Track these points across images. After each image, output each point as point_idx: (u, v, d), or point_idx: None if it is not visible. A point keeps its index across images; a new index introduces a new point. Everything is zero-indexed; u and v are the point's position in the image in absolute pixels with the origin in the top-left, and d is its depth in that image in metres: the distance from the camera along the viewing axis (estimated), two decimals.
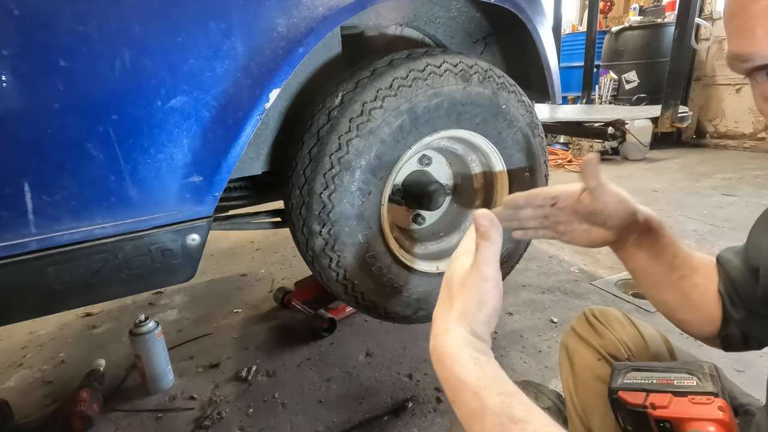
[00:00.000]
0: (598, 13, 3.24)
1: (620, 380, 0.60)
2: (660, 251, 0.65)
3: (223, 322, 1.75)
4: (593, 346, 0.76)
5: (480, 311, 0.52)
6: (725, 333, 0.62)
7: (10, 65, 0.71)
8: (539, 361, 1.41)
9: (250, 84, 0.89)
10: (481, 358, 0.48)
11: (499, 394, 0.43)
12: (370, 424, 1.20)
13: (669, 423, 0.54)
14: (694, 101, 4.95)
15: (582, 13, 6.56)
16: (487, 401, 0.43)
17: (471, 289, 0.52)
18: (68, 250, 0.82)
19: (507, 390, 0.44)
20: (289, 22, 0.91)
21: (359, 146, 1.06)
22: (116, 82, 0.79)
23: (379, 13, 1.24)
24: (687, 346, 0.76)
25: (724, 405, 0.52)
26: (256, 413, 1.25)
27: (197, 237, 0.93)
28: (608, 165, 4.26)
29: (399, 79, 1.08)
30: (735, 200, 2.89)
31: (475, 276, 0.53)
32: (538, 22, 1.35)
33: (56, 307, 0.88)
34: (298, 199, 1.11)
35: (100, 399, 1.29)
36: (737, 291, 0.59)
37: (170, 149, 0.85)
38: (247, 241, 2.65)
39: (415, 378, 1.37)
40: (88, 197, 0.81)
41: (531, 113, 1.34)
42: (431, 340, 0.51)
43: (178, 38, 0.82)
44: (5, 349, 1.67)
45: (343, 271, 1.15)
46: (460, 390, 0.45)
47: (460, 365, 0.47)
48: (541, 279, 1.97)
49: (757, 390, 0.66)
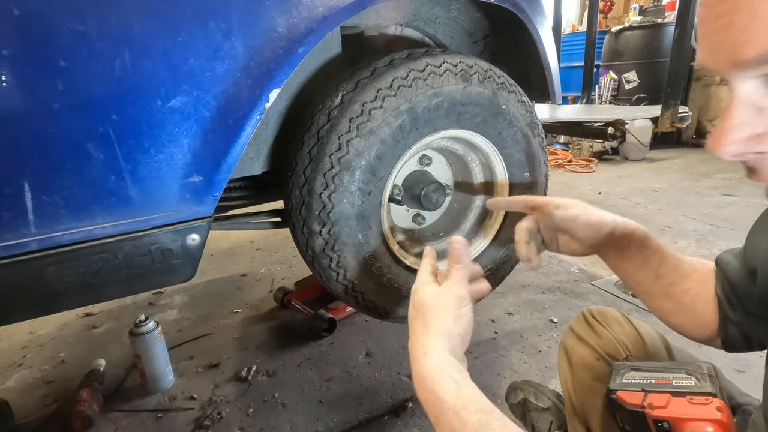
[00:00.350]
0: (598, 13, 3.24)
1: (619, 380, 0.60)
2: (644, 260, 0.66)
3: (223, 322, 1.76)
4: (592, 346, 0.76)
5: (456, 326, 0.56)
6: (725, 335, 0.62)
7: (10, 65, 0.71)
8: (539, 361, 1.41)
9: (250, 84, 0.89)
10: (459, 378, 0.51)
11: (477, 412, 0.46)
12: (370, 424, 1.20)
13: (667, 423, 0.54)
14: (694, 101, 4.95)
15: (582, 13, 6.56)
16: (467, 419, 0.46)
17: (447, 308, 0.57)
18: (68, 250, 0.82)
19: (484, 408, 0.47)
20: (289, 22, 0.91)
21: (359, 146, 1.06)
22: (116, 82, 0.79)
23: (379, 13, 1.24)
24: (685, 345, 0.76)
25: (722, 405, 0.52)
26: (256, 413, 1.26)
27: (197, 237, 0.93)
28: (608, 165, 4.26)
29: (399, 79, 1.08)
30: (735, 200, 2.89)
31: (450, 296, 0.58)
32: (538, 22, 1.35)
33: (56, 307, 0.88)
34: (298, 199, 1.11)
35: (100, 399, 1.30)
36: (736, 293, 0.59)
37: (170, 149, 0.85)
38: (247, 241, 2.65)
39: None
40: (88, 197, 0.81)
41: (531, 113, 1.34)
42: (412, 366, 0.55)
43: (178, 38, 0.82)
44: (5, 349, 1.68)
45: (343, 271, 1.15)
46: (441, 410, 0.49)
47: (440, 386, 0.50)
48: (541, 279, 1.97)
49: (756, 390, 0.66)
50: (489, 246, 1.42)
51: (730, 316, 0.60)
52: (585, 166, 4.15)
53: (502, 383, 1.29)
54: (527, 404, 1.02)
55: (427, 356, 0.53)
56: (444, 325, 0.56)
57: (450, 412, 0.47)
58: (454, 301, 0.58)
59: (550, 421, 0.96)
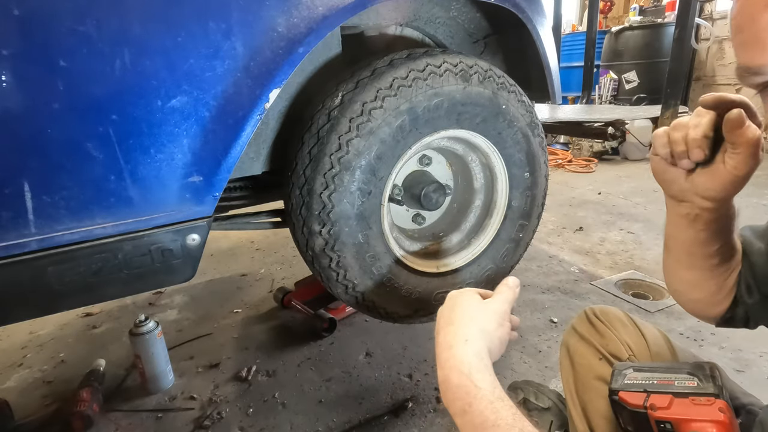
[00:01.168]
0: (598, 13, 3.23)
1: (621, 381, 0.60)
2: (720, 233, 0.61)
3: (223, 322, 1.75)
4: (594, 346, 0.76)
5: (497, 331, 0.57)
6: (730, 315, 0.61)
7: (10, 65, 0.70)
8: (539, 361, 1.41)
9: (250, 84, 0.89)
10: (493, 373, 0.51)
11: (511, 408, 0.47)
12: (370, 424, 1.20)
13: (670, 424, 0.53)
14: (694, 101, 4.94)
15: (582, 13, 6.56)
16: (501, 411, 0.46)
17: (493, 314, 0.58)
18: (68, 250, 0.81)
19: (517, 411, 0.47)
20: (289, 22, 0.91)
21: (359, 146, 1.06)
22: (116, 82, 0.78)
23: (379, 13, 1.24)
24: (687, 345, 0.76)
25: (724, 406, 0.52)
26: (256, 413, 1.25)
27: (197, 237, 0.93)
28: (608, 165, 4.26)
29: (399, 79, 1.08)
30: (735, 200, 2.89)
31: (497, 306, 0.60)
32: (538, 22, 1.35)
33: (56, 307, 0.88)
34: (298, 199, 1.10)
35: (100, 399, 1.29)
36: (755, 275, 0.58)
37: (170, 149, 0.85)
38: (247, 241, 2.65)
39: (415, 378, 1.36)
40: (88, 197, 0.81)
41: (531, 113, 1.34)
42: (446, 351, 0.54)
43: (179, 38, 0.82)
44: (5, 349, 1.67)
45: (343, 271, 1.15)
46: (475, 397, 0.48)
47: (478, 372, 0.50)
48: (541, 279, 1.97)
49: (757, 389, 0.66)
50: (489, 246, 1.42)
51: (745, 298, 0.59)
52: (585, 166, 4.15)
53: (502, 383, 1.27)
54: (527, 404, 1.02)
55: (469, 343, 0.54)
56: (488, 326, 0.57)
57: (485, 401, 0.47)
58: (500, 311, 0.59)
59: (551, 421, 0.96)
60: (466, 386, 0.49)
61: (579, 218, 2.76)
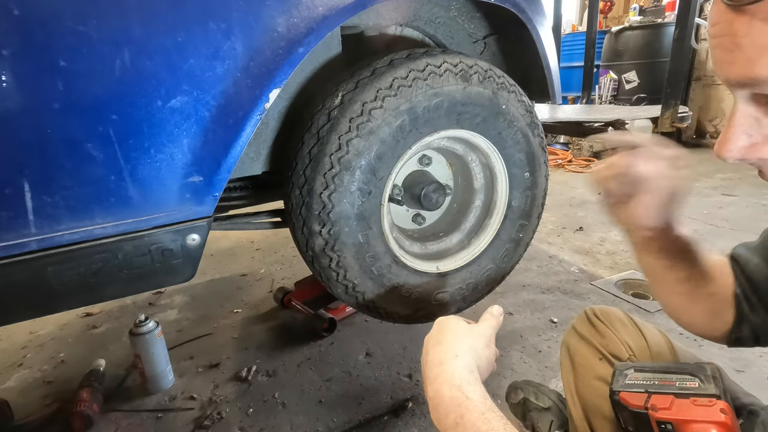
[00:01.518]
0: (598, 13, 3.23)
1: (622, 381, 0.60)
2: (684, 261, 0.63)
3: (223, 322, 1.75)
4: (594, 346, 0.76)
5: (485, 351, 0.59)
6: (737, 335, 0.61)
7: (10, 65, 0.70)
8: (539, 361, 1.41)
9: (250, 84, 0.89)
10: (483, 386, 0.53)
11: (502, 419, 0.48)
12: (370, 424, 1.20)
13: (670, 425, 0.53)
14: (694, 101, 4.95)
15: (582, 13, 6.56)
16: (494, 422, 0.47)
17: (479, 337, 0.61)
18: (68, 250, 0.81)
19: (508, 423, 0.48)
20: (289, 22, 0.91)
21: (359, 146, 1.06)
22: (116, 82, 0.78)
23: (379, 13, 1.24)
24: (688, 345, 0.76)
25: (726, 407, 0.52)
26: (256, 413, 1.25)
27: (197, 237, 0.93)
28: None
29: (399, 79, 1.08)
30: (735, 200, 2.89)
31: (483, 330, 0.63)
32: (538, 22, 1.35)
33: (56, 307, 0.88)
34: (298, 199, 1.10)
35: (100, 399, 1.29)
36: (757, 290, 0.58)
37: (170, 149, 0.85)
38: (247, 241, 2.65)
39: (415, 378, 1.36)
40: (88, 197, 0.81)
41: (531, 113, 1.34)
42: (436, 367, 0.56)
43: (179, 38, 0.82)
44: (5, 349, 1.67)
45: (343, 271, 1.15)
46: (467, 409, 0.49)
47: (469, 384, 0.52)
48: (541, 279, 1.97)
49: (757, 389, 0.66)
50: (489, 246, 1.41)
51: (749, 317, 0.59)
52: (585, 166, 4.15)
53: (502, 383, 1.29)
54: (528, 404, 1.02)
55: (459, 358, 0.56)
56: (476, 346, 0.59)
57: (476, 412, 0.48)
58: (486, 335, 0.63)
59: (551, 420, 0.96)
60: (458, 398, 0.50)
61: (579, 218, 2.76)
